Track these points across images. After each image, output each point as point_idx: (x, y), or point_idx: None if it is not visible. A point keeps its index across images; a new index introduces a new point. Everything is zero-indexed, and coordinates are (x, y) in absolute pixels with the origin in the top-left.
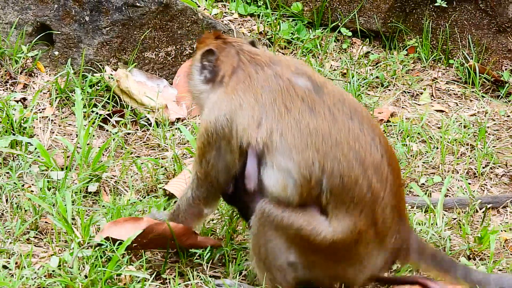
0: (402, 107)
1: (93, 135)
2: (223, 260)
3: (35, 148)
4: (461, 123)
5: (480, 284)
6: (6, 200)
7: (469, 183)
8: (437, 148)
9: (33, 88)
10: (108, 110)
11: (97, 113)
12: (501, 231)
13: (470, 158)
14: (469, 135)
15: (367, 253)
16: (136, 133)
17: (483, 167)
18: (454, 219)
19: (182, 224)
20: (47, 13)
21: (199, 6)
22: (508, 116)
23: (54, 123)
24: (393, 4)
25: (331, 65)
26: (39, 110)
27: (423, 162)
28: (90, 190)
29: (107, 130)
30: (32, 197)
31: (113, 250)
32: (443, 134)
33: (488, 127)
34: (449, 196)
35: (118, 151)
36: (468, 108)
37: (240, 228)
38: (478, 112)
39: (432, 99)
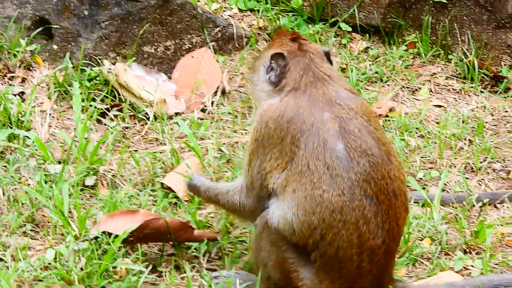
0: (401, 102)
1: (91, 129)
2: (219, 253)
3: (33, 142)
4: (459, 118)
5: None
6: (3, 193)
7: (467, 178)
8: (435, 143)
9: (31, 82)
10: (107, 104)
11: (95, 107)
12: (498, 225)
13: (468, 153)
14: (467, 130)
15: None
16: (134, 127)
17: (481, 162)
18: (451, 213)
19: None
20: (46, 7)
21: (198, 1)
22: (507, 111)
23: (52, 117)
24: None
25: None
26: (37, 104)
27: (421, 157)
28: (87, 184)
29: (105, 124)
30: (29, 190)
31: (109, 243)
32: (441, 129)
33: (486, 122)
34: (446, 191)
35: (116, 145)
36: (467, 103)
37: (237, 221)
38: (476, 107)
39: (431, 94)
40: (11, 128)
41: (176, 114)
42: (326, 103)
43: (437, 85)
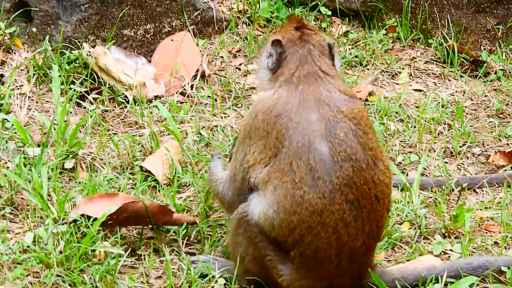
0: (381, 86)
1: (70, 112)
2: (198, 237)
3: (12, 125)
4: (439, 103)
5: None
6: None
7: (446, 162)
8: (415, 127)
9: (11, 65)
10: (86, 87)
11: (74, 90)
12: (477, 209)
13: (447, 137)
14: (446, 114)
15: None
16: (113, 110)
17: (460, 146)
18: (430, 197)
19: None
20: None
21: None
22: (486, 95)
23: (32, 99)
24: None
25: None
26: (17, 86)
27: (400, 141)
28: (67, 167)
29: (84, 107)
30: (8, 173)
31: (88, 226)
32: (420, 113)
33: (465, 106)
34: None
35: (95, 128)
36: (446, 88)
37: (216, 205)
38: (456, 91)
39: (410, 79)
40: None
41: (156, 97)
42: (315, 103)
43: (417, 69)
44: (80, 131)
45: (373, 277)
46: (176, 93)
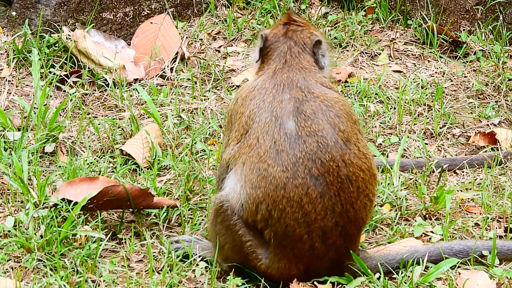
0: (360, 68)
1: (50, 96)
2: (179, 220)
3: None
4: (418, 84)
5: None
6: None
7: (426, 143)
8: (395, 108)
9: None
10: (66, 71)
11: (54, 74)
12: (457, 191)
13: (427, 119)
14: (426, 95)
15: None
16: (93, 93)
17: (440, 128)
18: (411, 179)
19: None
20: None
21: None
22: (466, 76)
23: (11, 83)
24: None
25: None
26: None
27: (380, 123)
28: (47, 151)
29: (64, 91)
30: None
31: (68, 210)
32: (400, 95)
33: (445, 87)
34: (406, 157)
35: (75, 112)
36: (426, 69)
37: (196, 188)
38: (435, 72)
39: (390, 60)
40: None
41: (135, 80)
42: (288, 86)
43: (396, 51)
44: (60, 115)
45: (356, 260)
46: (156, 76)
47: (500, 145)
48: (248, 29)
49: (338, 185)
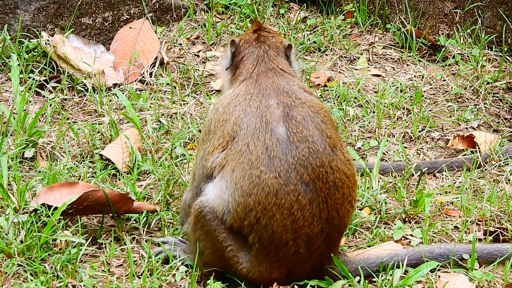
0: (339, 72)
1: (30, 101)
2: (159, 224)
3: None
4: (397, 87)
5: None
6: None
7: (405, 147)
8: (374, 112)
9: None
10: (45, 76)
11: (33, 79)
12: (437, 194)
13: (406, 122)
14: (405, 99)
15: None
16: (73, 98)
17: (419, 131)
18: (390, 182)
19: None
20: None
21: None
22: (444, 80)
23: None
24: None
25: None
26: None
27: (360, 126)
28: (26, 156)
29: (43, 96)
30: None
31: (48, 215)
32: (379, 98)
33: (424, 91)
34: (386, 160)
35: (54, 117)
36: (405, 73)
37: (176, 192)
38: (414, 76)
39: (369, 64)
40: None
41: (115, 85)
42: (274, 91)
43: (375, 55)
44: (40, 120)
45: (337, 264)
46: (135, 81)
47: (479, 148)
48: (227, 33)
49: (326, 191)
